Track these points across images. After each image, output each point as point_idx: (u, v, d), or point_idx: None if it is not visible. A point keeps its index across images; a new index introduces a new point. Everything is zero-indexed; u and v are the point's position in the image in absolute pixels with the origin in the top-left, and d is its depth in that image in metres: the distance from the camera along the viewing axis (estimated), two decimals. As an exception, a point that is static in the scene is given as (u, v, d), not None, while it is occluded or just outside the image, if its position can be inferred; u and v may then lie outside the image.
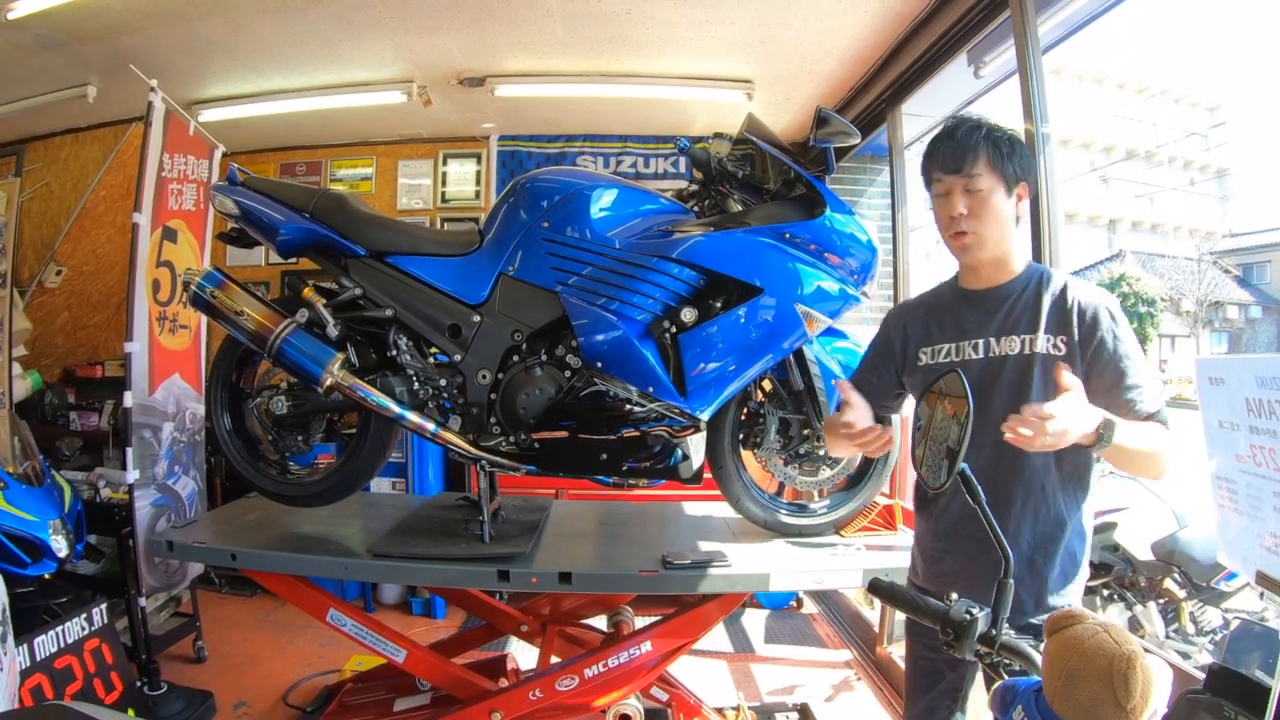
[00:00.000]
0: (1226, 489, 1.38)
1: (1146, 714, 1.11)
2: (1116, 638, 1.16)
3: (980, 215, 1.93)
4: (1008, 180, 1.91)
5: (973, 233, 1.95)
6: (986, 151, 1.90)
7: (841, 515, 2.97)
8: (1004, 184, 1.91)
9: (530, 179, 2.78)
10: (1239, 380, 1.32)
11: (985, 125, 1.94)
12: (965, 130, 1.95)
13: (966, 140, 1.93)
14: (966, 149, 1.92)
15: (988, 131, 1.92)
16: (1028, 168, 1.95)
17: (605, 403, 2.66)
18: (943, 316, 2.08)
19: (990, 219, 1.93)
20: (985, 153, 1.91)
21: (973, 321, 2.01)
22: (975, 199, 1.92)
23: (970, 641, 1.42)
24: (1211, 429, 1.41)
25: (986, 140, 1.91)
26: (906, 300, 2.26)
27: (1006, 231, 1.95)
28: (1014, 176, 1.92)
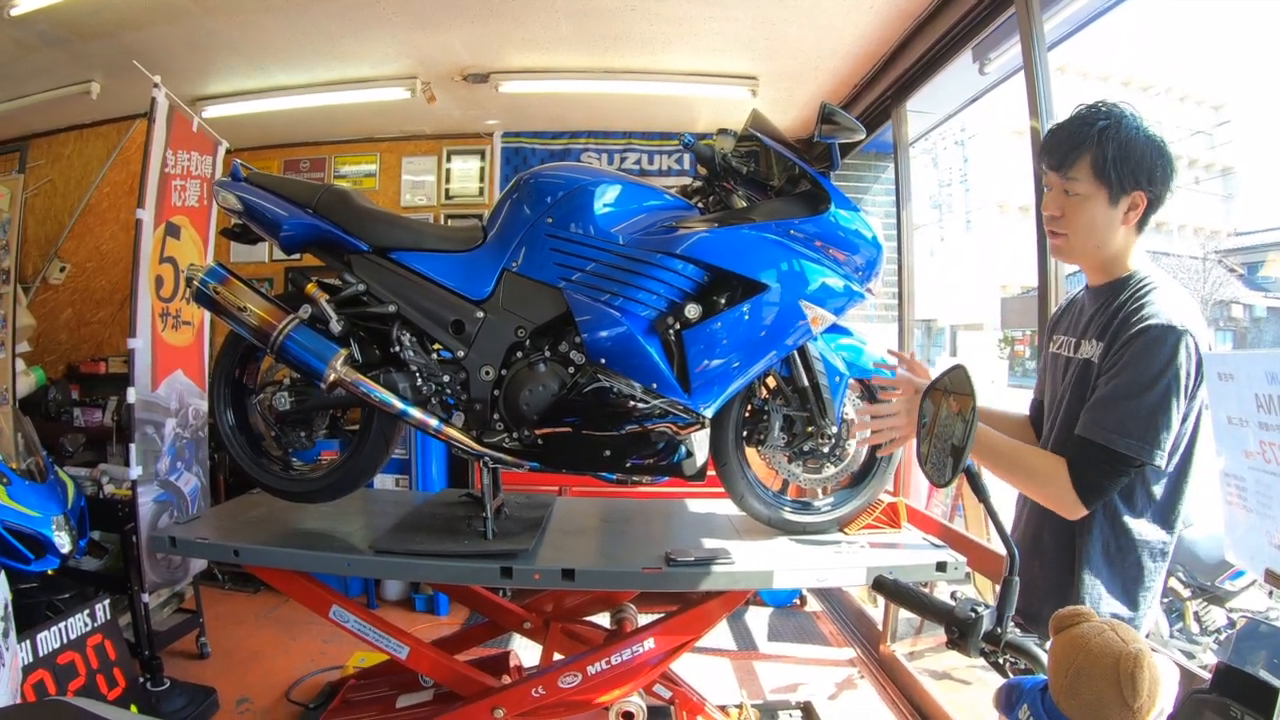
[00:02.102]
0: (1235, 486, 1.37)
1: (1153, 713, 1.11)
2: (1123, 636, 1.15)
3: (1073, 220, 1.87)
4: (1111, 187, 1.79)
5: (1064, 236, 1.90)
6: (1092, 154, 1.79)
7: (846, 513, 2.96)
8: (1106, 191, 1.80)
9: (534, 175, 2.77)
10: (1248, 376, 1.30)
11: (1105, 121, 1.80)
12: (1080, 122, 1.84)
13: (1076, 135, 1.82)
14: (1072, 146, 1.82)
15: (1103, 129, 1.78)
16: (1148, 175, 1.78)
17: (609, 399, 2.64)
18: (1074, 310, 2.06)
19: (1083, 226, 1.86)
20: (1090, 155, 1.80)
21: (1078, 321, 1.99)
22: (1070, 202, 1.86)
23: (975, 640, 1.42)
24: (1220, 425, 1.40)
25: (1097, 141, 1.79)
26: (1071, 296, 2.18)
27: (1103, 240, 1.86)
28: (1122, 184, 1.78)
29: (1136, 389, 1.67)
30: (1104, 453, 1.69)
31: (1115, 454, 1.68)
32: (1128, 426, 1.67)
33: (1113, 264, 1.88)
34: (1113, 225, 1.82)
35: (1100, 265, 1.91)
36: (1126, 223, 1.82)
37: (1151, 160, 1.76)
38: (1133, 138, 1.77)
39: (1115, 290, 1.86)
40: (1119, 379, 1.70)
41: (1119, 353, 1.72)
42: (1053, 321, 2.17)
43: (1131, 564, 1.85)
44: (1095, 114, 1.81)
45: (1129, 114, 1.80)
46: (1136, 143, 1.76)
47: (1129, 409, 1.67)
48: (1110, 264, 1.89)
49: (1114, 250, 1.87)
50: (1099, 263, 1.91)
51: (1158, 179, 1.78)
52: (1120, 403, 1.68)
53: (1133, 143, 1.76)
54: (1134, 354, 1.69)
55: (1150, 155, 1.76)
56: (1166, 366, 1.66)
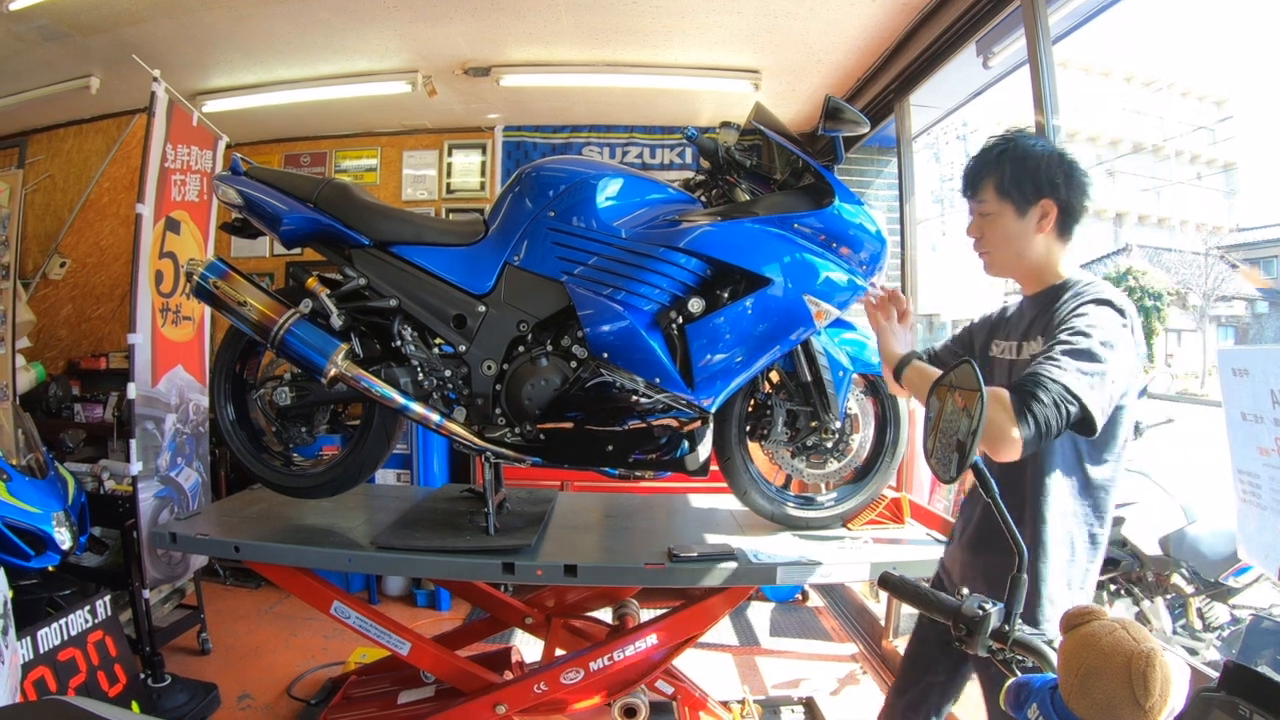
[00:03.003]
0: (1248, 483, 1.36)
1: (1165, 713, 1.09)
2: (1135, 635, 1.14)
3: (990, 238, 2.02)
4: (1015, 201, 1.94)
5: (986, 253, 2.06)
6: (993, 177, 1.97)
7: (849, 508, 2.95)
8: (1012, 205, 1.95)
9: (536, 168, 2.75)
10: (1264, 372, 1.29)
11: (1002, 146, 1.97)
12: (982, 153, 2.02)
13: (979, 164, 2.01)
14: (977, 173, 2.01)
15: (999, 154, 1.96)
16: (1050, 184, 1.92)
17: (611, 394, 2.63)
18: (1014, 315, 2.13)
19: (999, 240, 2.00)
20: (992, 178, 1.97)
21: (1017, 326, 2.07)
22: (985, 222, 2.01)
23: (983, 637, 1.40)
24: (1234, 422, 1.38)
25: (994, 164, 1.96)
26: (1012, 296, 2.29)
27: (1023, 250, 1.98)
28: (1025, 196, 1.93)
29: (1073, 340, 1.70)
30: (1044, 382, 1.63)
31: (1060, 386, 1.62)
32: (1069, 368, 1.64)
33: (1044, 272, 1.99)
34: (1027, 235, 1.96)
35: (1030, 275, 2.03)
36: (1042, 230, 1.94)
37: (1051, 170, 1.91)
38: (1029, 154, 1.94)
39: (1055, 294, 1.94)
40: (1057, 335, 1.74)
41: (1063, 321, 1.78)
42: (989, 325, 2.22)
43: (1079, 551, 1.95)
44: (994, 143, 2.00)
45: (1026, 137, 1.99)
46: (1033, 158, 1.93)
47: (1068, 352, 1.68)
48: (1041, 272, 2.00)
49: (1038, 258, 1.98)
50: (1027, 272, 2.03)
51: (1060, 185, 1.91)
52: (1065, 350, 1.68)
53: (1029, 158, 1.93)
54: (1069, 320, 1.77)
55: (1049, 166, 1.92)
56: (1106, 326, 1.72)
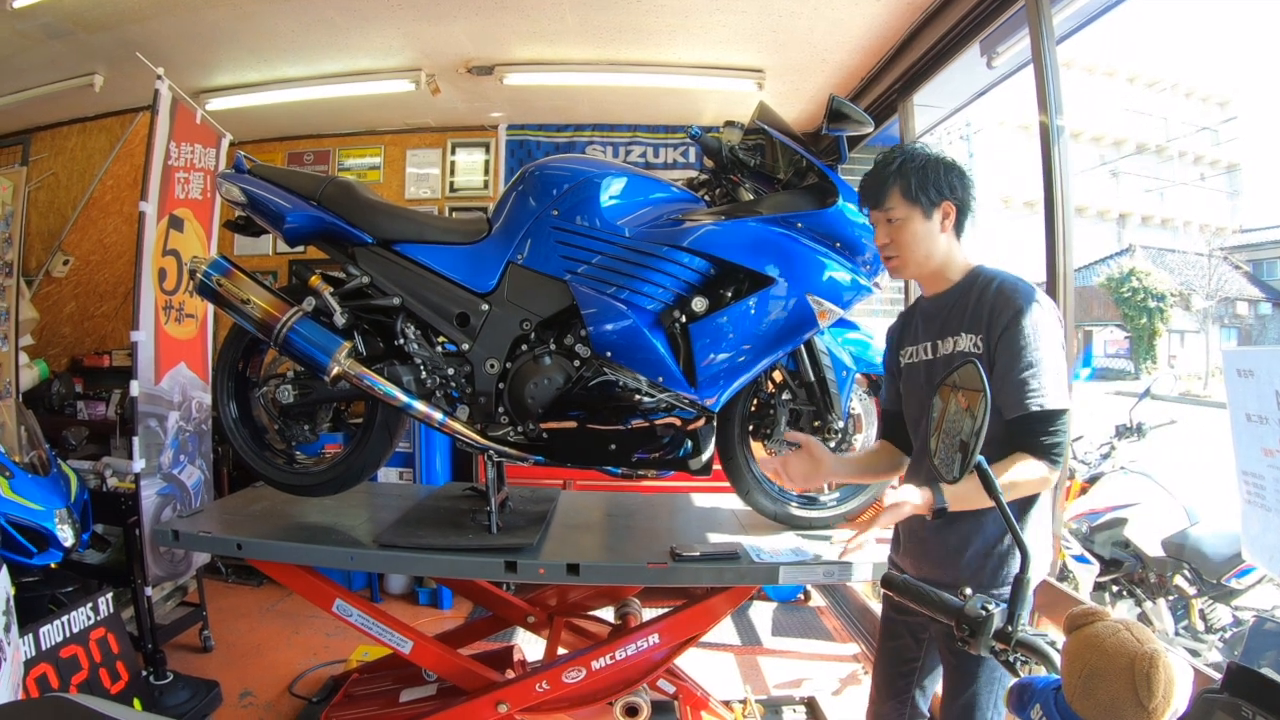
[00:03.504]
0: (1253, 484, 1.35)
1: (1168, 714, 1.09)
2: (1138, 636, 1.14)
3: (900, 241, 2.13)
4: (922, 204, 2.09)
5: (897, 257, 2.17)
6: (898, 185, 2.10)
7: (851, 508, 2.95)
8: (919, 209, 2.09)
9: (539, 167, 2.75)
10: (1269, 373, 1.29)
11: (899, 158, 2.12)
12: (880, 167, 2.14)
13: (881, 175, 2.13)
14: (879, 184, 2.13)
15: (900, 164, 2.10)
16: (949, 187, 2.08)
17: (614, 393, 2.63)
18: (914, 322, 2.28)
19: (910, 243, 2.13)
20: (896, 186, 2.10)
21: (925, 326, 2.21)
22: (894, 228, 2.13)
23: (986, 638, 1.40)
24: (1239, 423, 1.38)
25: (897, 174, 2.10)
26: (899, 317, 2.43)
27: (931, 250, 2.13)
28: (929, 199, 2.08)
29: (1036, 356, 1.92)
30: (1044, 416, 1.92)
31: (1052, 413, 1.92)
32: (1047, 387, 1.91)
33: (948, 269, 2.15)
34: (933, 235, 2.11)
35: (935, 274, 2.16)
36: (944, 230, 2.12)
37: (948, 174, 2.09)
38: (927, 159, 2.10)
39: (959, 292, 2.12)
40: (1019, 358, 1.93)
41: (1005, 336, 1.96)
42: (893, 344, 2.38)
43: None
44: (891, 156, 2.14)
45: (916, 147, 2.16)
46: (931, 165, 2.09)
47: (1039, 373, 1.92)
48: (945, 270, 2.15)
49: (941, 256, 2.14)
50: (933, 271, 2.16)
51: (957, 188, 2.10)
52: (1031, 371, 1.92)
53: (928, 165, 2.09)
54: (1020, 332, 1.94)
55: (947, 170, 2.09)
56: (1048, 331, 1.96)
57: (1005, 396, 1.93)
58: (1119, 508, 4.17)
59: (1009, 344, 1.95)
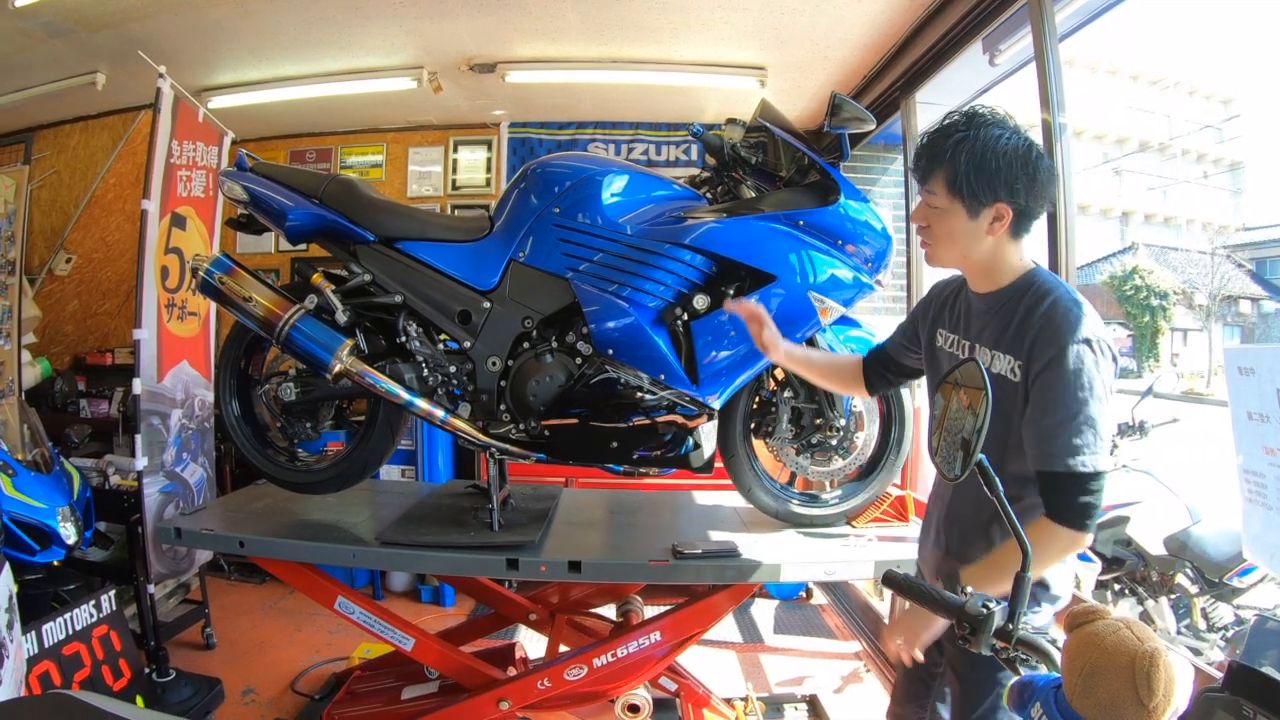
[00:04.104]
0: (1254, 482, 1.35)
1: (1168, 713, 1.09)
2: (1138, 634, 1.14)
3: (935, 231, 1.89)
4: (967, 201, 1.79)
5: (931, 245, 1.93)
6: (946, 171, 1.80)
7: (853, 506, 2.95)
8: (963, 204, 1.80)
9: (541, 164, 2.75)
10: (1270, 371, 1.29)
11: (961, 133, 1.80)
12: (938, 134, 1.84)
13: (933, 149, 1.84)
14: (930, 160, 1.85)
15: (958, 143, 1.79)
16: (1007, 187, 1.77)
17: (616, 390, 2.64)
18: (960, 307, 2.02)
19: (944, 238, 1.88)
20: (945, 172, 1.81)
21: (967, 321, 1.98)
22: (933, 214, 1.87)
23: (987, 636, 1.40)
24: (1240, 421, 1.38)
25: (950, 155, 1.79)
26: (948, 280, 2.13)
27: (970, 250, 1.86)
28: (978, 198, 1.78)
29: (1075, 408, 1.67)
30: (1076, 478, 1.68)
31: (1086, 475, 1.68)
32: (1084, 444, 1.67)
33: (995, 271, 1.88)
34: (975, 236, 1.83)
35: (979, 272, 1.91)
36: (993, 233, 1.81)
37: (1011, 172, 1.75)
38: (989, 149, 1.75)
39: (1007, 298, 1.85)
40: (1056, 406, 1.69)
41: (1044, 377, 1.71)
42: (931, 314, 2.13)
43: None
44: (953, 126, 1.81)
45: (991, 124, 1.79)
46: (993, 154, 1.75)
47: (1077, 427, 1.67)
48: (992, 271, 1.88)
49: (985, 257, 1.87)
50: (974, 270, 1.92)
51: (1020, 190, 1.76)
52: (1068, 424, 1.68)
53: (989, 155, 1.75)
54: (1061, 376, 1.69)
55: (1010, 167, 1.75)
56: (1092, 380, 1.68)
57: (1035, 446, 1.73)
58: (1121, 506, 4.16)
59: (1047, 386, 1.71)
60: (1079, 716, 1.15)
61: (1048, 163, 1.80)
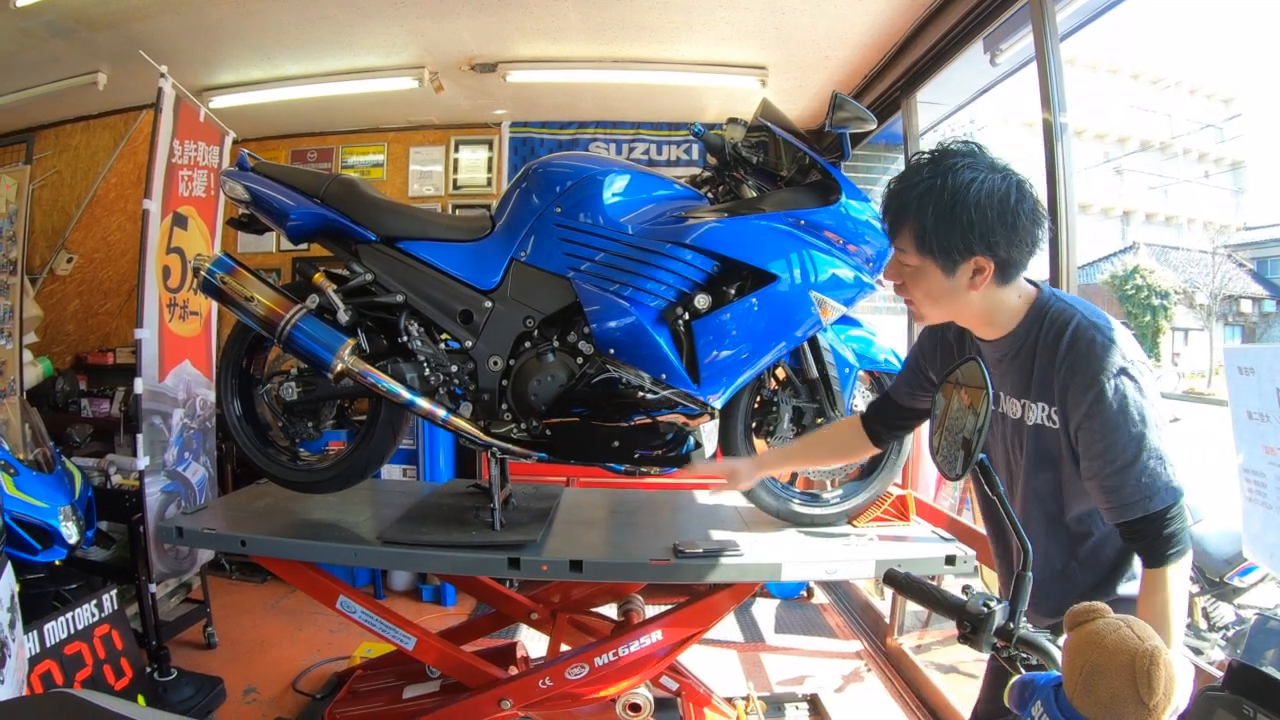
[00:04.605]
0: (1254, 482, 1.35)
1: (1169, 711, 1.09)
2: (1139, 633, 1.14)
3: (914, 290, 1.72)
4: (939, 259, 1.61)
5: (913, 303, 1.76)
6: (913, 226, 1.62)
7: (854, 505, 2.95)
8: (935, 263, 1.62)
9: (542, 164, 2.75)
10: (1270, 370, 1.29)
11: (927, 182, 1.59)
12: (903, 185, 1.65)
13: (899, 200, 1.65)
14: (897, 215, 1.66)
15: (923, 195, 1.59)
16: (984, 240, 1.57)
17: (617, 390, 2.63)
18: (967, 349, 1.87)
19: (923, 297, 1.72)
20: (912, 227, 1.63)
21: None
22: (906, 272, 1.70)
23: (987, 635, 1.40)
24: (1240, 420, 1.38)
25: (918, 210, 1.60)
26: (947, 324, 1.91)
27: (956, 308, 1.71)
28: (950, 254, 1.60)
29: (1131, 450, 1.54)
30: (1153, 520, 1.56)
31: (1159, 514, 1.55)
32: (1152, 482, 1.54)
33: (996, 319, 1.71)
34: (957, 294, 1.66)
35: (978, 324, 1.75)
36: (975, 288, 1.64)
37: (985, 223, 1.56)
38: (959, 200, 1.56)
39: (1020, 342, 1.70)
40: (1113, 454, 1.55)
41: (1089, 425, 1.57)
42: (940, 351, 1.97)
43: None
44: (917, 173, 1.62)
45: (961, 166, 1.58)
46: (963, 206, 1.56)
47: (1141, 468, 1.54)
48: (993, 320, 1.72)
49: (978, 310, 1.70)
50: (973, 323, 1.76)
51: (998, 242, 1.57)
52: (1130, 470, 1.54)
53: (958, 206, 1.56)
54: (1106, 423, 1.55)
55: (984, 218, 1.56)
56: (1141, 411, 1.54)
57: (1104, 500, 1.59)
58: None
59: (1096, 434, 1.56)
60: (1080, 715, 1.15)
61: (1030, 204, 1.59)
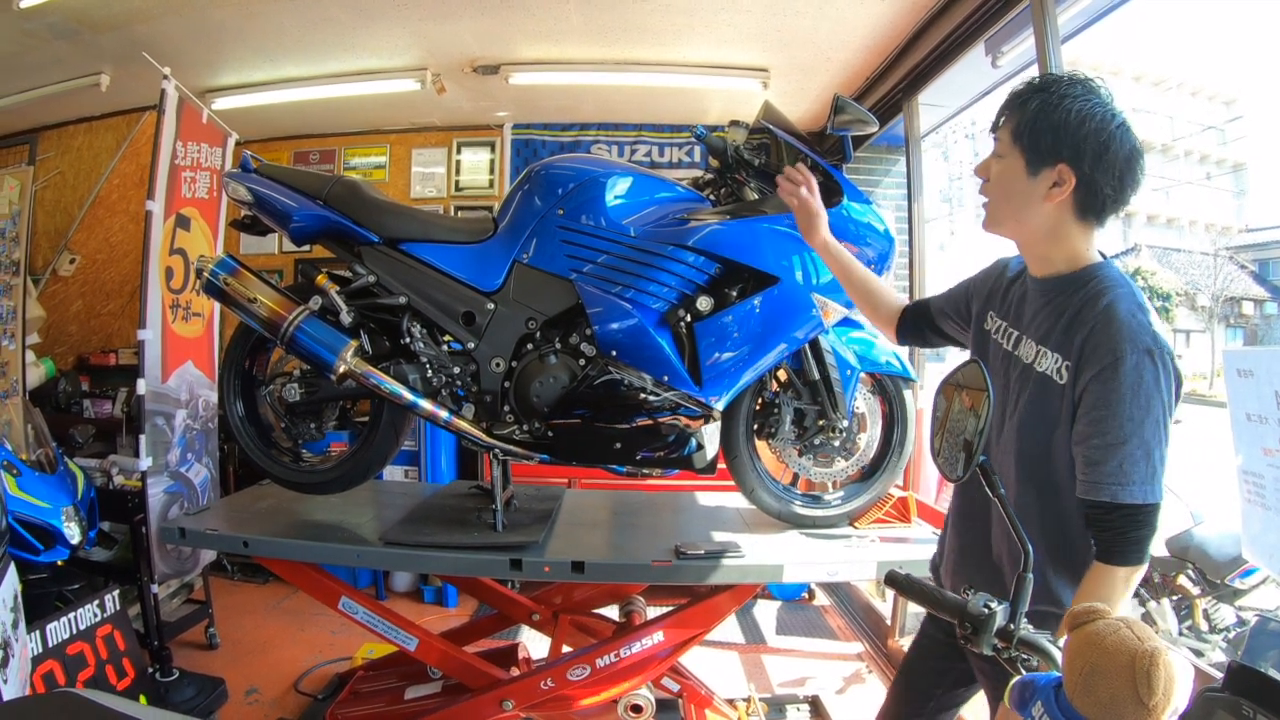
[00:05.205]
0: (1253, 483, 1.36)
1: (1168, 712, 1.09)
2: (1139, 634, 1.14)
3: (995, 183, 1.73)
4: (1027, 153, 1.64)
5: (988, 201, 1.77)
6: (1016, 117, 1.66)
7: (856, 507, 2.95)
8: (1023, 159, 1.64)
9: (545, 166, 2.76)
10: (1269, 372, 1.29)
11: (1041, 88, 1.65)
12: (1026, 85, 1.69)
13: (1013, 99, 1.69)
14: (1006, 108, 1.70)
15: (1032, 93, 1.65)
16: (1073, 150, 1.59)
17: (619, 391, 2.64)
18: (1015, 292, 1.84)
19: (998, 193, 1.73)
20: (1014, 118, 1.66)
21: (1018, 309, 1.80)
22: (996, 163, 1.72)
23: (988, 636, 1.40)
24: (1239, 422, 1.38)
25: (1024, 104, 1.65)
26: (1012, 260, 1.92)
27: (1021, 211, 1.70)
28: (1039, 153, 1.62)
29: (1129, 429, 1.50)
30: (1121, 510, 1.52)
31: (1129, 508, 1.51)
32: (1137, 475, 1.50)
33: (1054, 252, 1.70)
34: (1030, 198, 1.66)
35: (1033, 249, 1.75)
36: (1050, 199, 1.63)
37: (1081, 131, 1.58)
38: (1063, 107, 1.60)
39: (1064, 286, 1.68)
40: (1107, 425, 1.52)
41: (1095, 388, 1.54)
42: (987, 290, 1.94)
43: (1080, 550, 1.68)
44: (1044, 80, 1.68)
45: (1084, 92, 1.62)
46: (1065, 112, 1.60)
47: (1130, 453, 1.51)
48: (1050, 252, 1.71)
49: (1041, 231, 1.69)
50: (1029, 243, 1.75)
51: (1085, 156, 1.58)
52: (1119, 448, 1.51)
53: (1059, 111, 1.60)
54: (1116, 391, 1.51)
55: (1082, 126, 1.58)
56: (1150, 397, 1.50)
57: (1081, 470, 1.56)
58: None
59: (1099, 400, 1.53)
60: (1080, 715, 1.15)
61: (1130, 144, 1.60)
